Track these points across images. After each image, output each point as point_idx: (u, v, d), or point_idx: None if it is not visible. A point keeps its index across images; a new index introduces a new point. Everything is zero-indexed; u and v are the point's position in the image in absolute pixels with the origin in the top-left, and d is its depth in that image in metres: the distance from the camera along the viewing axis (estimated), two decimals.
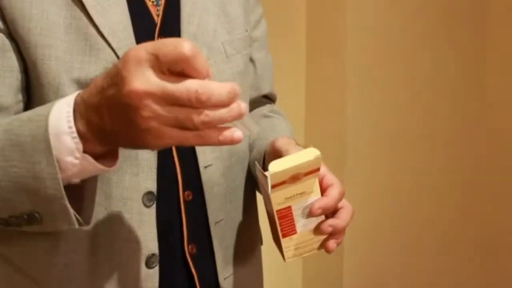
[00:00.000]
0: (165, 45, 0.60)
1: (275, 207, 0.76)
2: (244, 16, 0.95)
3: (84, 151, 0.66)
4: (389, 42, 1.71)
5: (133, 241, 0.81)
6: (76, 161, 0.66)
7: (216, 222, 0.89)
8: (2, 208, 0.72)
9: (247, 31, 0.95)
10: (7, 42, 0.77)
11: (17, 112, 0.79)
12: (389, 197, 1.79)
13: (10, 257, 0.86)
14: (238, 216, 0.94)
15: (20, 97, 0.80)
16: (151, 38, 0.84)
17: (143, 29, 0.84)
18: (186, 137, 0.62)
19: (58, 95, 0.77)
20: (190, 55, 0.60)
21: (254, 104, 1.05)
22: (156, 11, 0.85)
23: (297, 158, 0.74)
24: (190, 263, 0.88)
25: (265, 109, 1.06)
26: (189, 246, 0.88)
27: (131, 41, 0.81)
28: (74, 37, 0.78)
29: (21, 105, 0.80)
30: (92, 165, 0.68)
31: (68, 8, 0.78)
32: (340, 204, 0.81)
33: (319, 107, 1.81)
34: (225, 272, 0.91)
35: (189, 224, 0.87)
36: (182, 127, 0.61)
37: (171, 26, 0.87)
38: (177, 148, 0.86)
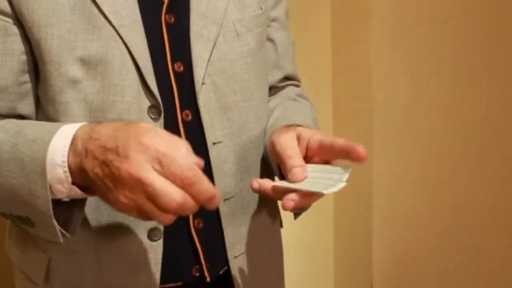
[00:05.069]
0: (174, 161, 0.66)
1: None
2: None
3: (73, 182, 0.72)
4: (417, 23, 1.68)
5: None
6: (65, 190, 0.73)
7: (226, 199, 0.89)
8: (3, 207, 0.80)
9: (262, 9, 0.95)
10: (10, 27, 0.81)
11: (19, 94, 0.84)
12: (420, 185, 1.76)
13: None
14: (250, 195, 0.93)
15: (24, 79, 0.84)
16: (158, 15, 0.85)
17: (150, 6, 0.85)
18: (147, 219, 0.69)
19: (60, 72, 0.81)
20: (189, 183, 0.66)
21: (280, 87, 1.04)
22: None
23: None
24: (196, 238, 0.88)
25: (293, 91, 1.05)
26: (196, 221, 0.88)
27: (135, 18, 0.83)
28: (78, 17, 0.81)
29: (26, 86, 0.84)
30: (78, 194, 0.74)
31: None
32: None
33: (346, 94, 1.80)
34: (235, 251, 0.91)
35: None
36: (148, 216, 0.68)
37: (180, 4, 0.87)
38: (184, 124, 0.87)
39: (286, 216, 1.08)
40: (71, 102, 0.82)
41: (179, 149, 0.67)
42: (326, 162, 0.81)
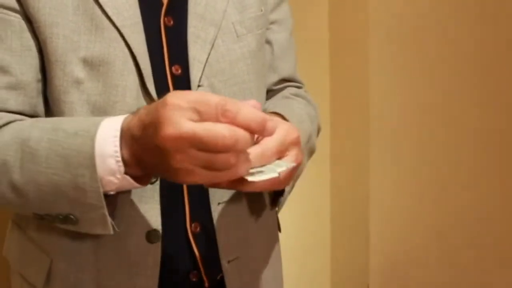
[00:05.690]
0: (209, 101, 0.63)
1: None
2: None
3: (125, 173, 0.70)
4: (415, 26, 1.68)
5: (135, 216, 0.83)
6: (116, 181, 0.71)
7: (219, 203, 0.89)
8: (40, 207, 0.77)
9: (262, 11, 0.94)
10: (23, 23, 0.81)
11: (38, 91, 0.83)
12: (417, 188, 1.76)
13: (25, 227, 0.91)
14: (246, 199, 0.93)
15: (39, 76, 0.83)
16: (157, 17, 0.85)
17: (150, 8, 0.85)
18: (216, 177, 0.66)
19: (65, 72, 0.81)
20: (232, 115, 0.63)
21: (276, 90, 1.03)
22: None
23: None
24: (193, 242, 0.88)
25: (288, 91, 1.04)
26: (193, 225, 0.88)
27: (136, 20, 0.83)
28: (81, 17, 0.81)
29: (40, 84, 0.84)
30: (130, 184, 0.72)
31: None
32: None
33: (343, 96, 1.79)
34: (228, 255, 0.90)
35: (192, 202, 0.87)
36: (212, 168, 0.65)
37: (179, 7, 0.87)
38: None
39: (283, 219, 1.07)
40: (75, 102, 0.81)
41: (206, 92, 0.65)
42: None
